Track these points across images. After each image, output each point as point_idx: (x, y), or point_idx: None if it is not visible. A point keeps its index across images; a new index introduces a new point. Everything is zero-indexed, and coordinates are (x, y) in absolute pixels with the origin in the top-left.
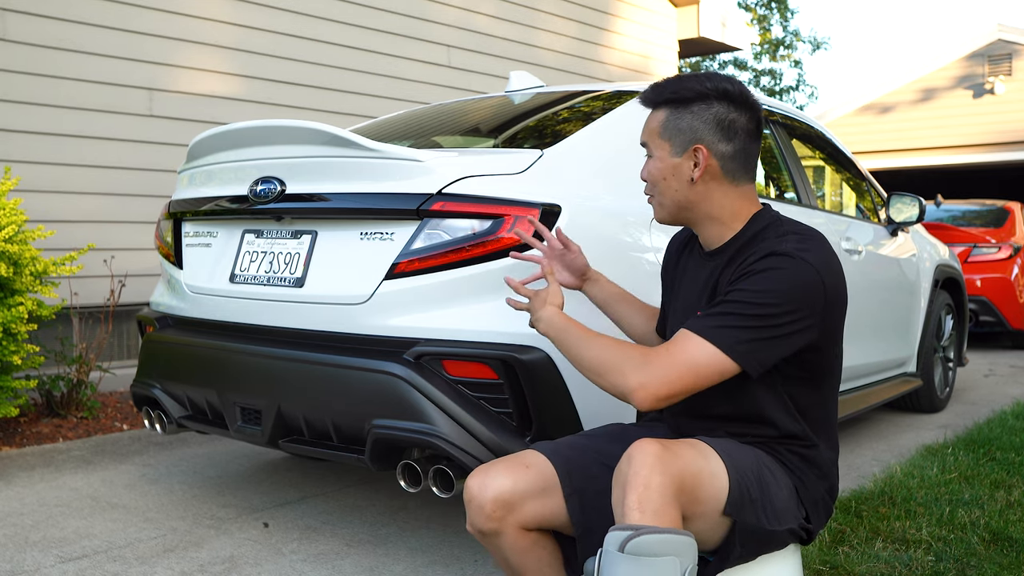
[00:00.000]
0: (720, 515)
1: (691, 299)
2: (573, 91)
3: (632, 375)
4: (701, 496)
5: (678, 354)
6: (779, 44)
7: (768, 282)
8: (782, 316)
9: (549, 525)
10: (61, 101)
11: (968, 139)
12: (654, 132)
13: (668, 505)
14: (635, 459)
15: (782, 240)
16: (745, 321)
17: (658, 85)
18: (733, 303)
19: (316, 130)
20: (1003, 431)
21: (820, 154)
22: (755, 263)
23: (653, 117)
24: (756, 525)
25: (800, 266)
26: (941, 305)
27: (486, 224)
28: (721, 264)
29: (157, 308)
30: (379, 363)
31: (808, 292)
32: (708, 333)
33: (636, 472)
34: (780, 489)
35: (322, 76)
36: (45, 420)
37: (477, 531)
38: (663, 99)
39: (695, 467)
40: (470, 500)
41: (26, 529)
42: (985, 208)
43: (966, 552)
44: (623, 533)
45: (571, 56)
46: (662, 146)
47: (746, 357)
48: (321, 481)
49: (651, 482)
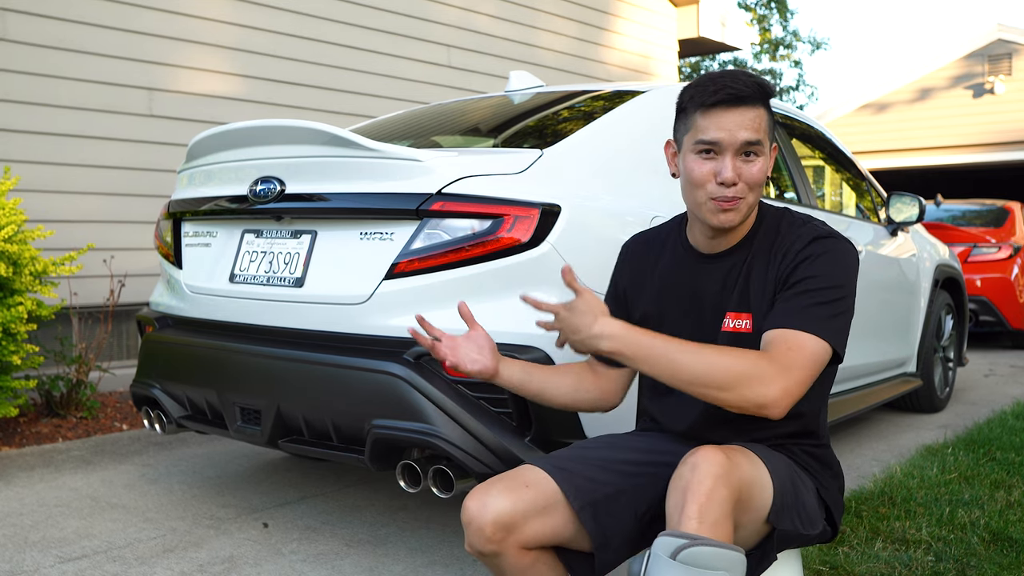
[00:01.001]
0: (761, 523)
1: (704, 303)
2: (573, 91)
3: (774, 382)
4: (751, 505)
5: (798, 352)
6: (779, 44)
7: (833, 264)
8: (849, 296)
9: (551, 543)
10: (61, 101)
11: (968, 139)
12: (764, 131)
13: (726, 518)
14: (700, 467)
15: (813, 225)
16: (833, 307)
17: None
18: (813, 291)
19: (316, 130)
20: (1003, 431)
21: (820, 154)
22: (806, 249)
23: (755, 114)
24: (793, 531)
25: (846, 246)
26: (941, 305)
27: (486, 224)
28: (744, 259)
29: (156, 308)
30: (379, 363)
31: (855, 267)
32: (815, 328)
33: (700, 481)
34: (809, 493)
35: (322, 76)
36: (45, 420)
37: (476, 552)
38: (766, 94)
39: (749, 477)
40: (469, 522)
41: (25, 529)
42: (985, 208)
43: (966, 552)
44: (677, 540)
45: (571, 56)
46: (767, 145)
47: (841, 341)
48: (321, 481)
49: (715, 493)
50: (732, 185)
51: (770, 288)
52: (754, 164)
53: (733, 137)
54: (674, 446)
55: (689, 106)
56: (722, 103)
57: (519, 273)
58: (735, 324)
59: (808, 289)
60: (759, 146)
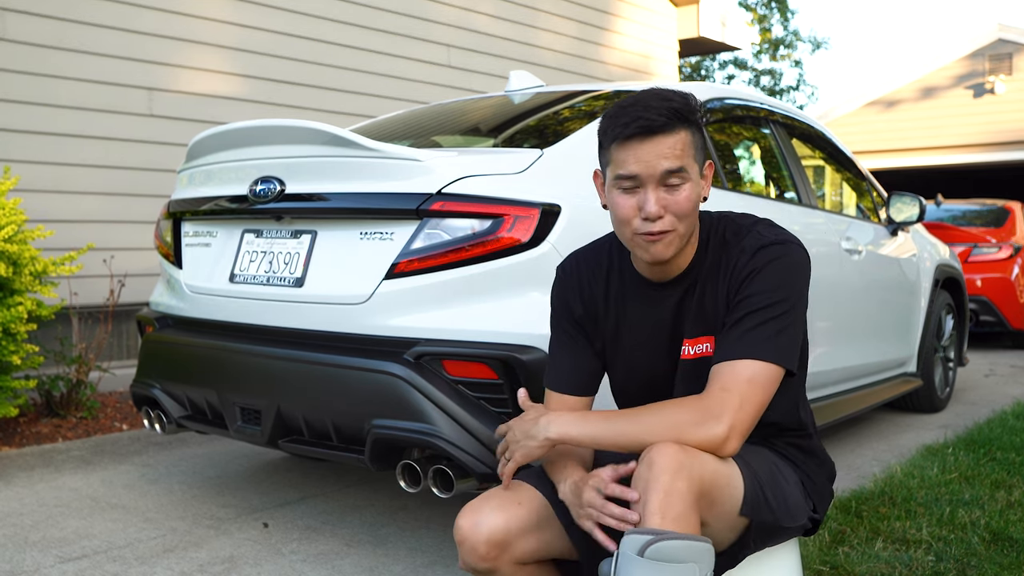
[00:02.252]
0: (736, 516)
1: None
2: (573, 91)
3: (718, 423)
4: (718, 499)
5: (742, 385)
6: (779, 44)
7: (776, 276)
8: (798, 304)
9: (545, 556)
10: (61, 101)
11: (968, 139)
12: (685, 155)
13: (689, 510)
14: (656, 463)
15: (755, 233)
16: (778, 324)
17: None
18: (758, 311)
19: (316, 130)
20: (1003, 431)
21: (820, 154)
22: (750, 263)
23: (675, 140)
24: (773, 523)
25: (791, 249)
26: (941, 305)
27: (486, 224)
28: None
29: (156, 308)
30: (379, 363)
31: (803, 270)
32: (756, 352)
33: (657, 476)
34: (791, 485)
35: (322, 76)
36: (44, 420)
37: (471, 569)
38: (682, 116)
39: (712, 470)
40: (462, 541)
41: (25, 529)
42: (985, 208)
43: (966, 552)
44: (643, 537)
45: (571, 56)
46: (693, 168)
47: (789, 358)
48: (321, 481)
49: (673, 487)
50: (658, 219)
51: (723, 307)
52: (680, 192)
53: (652, 169)
54: None
55: (604, 140)
56: (636, 136)
57: (519, 273)
58: (695, 350)
59: (750, 310)
60: (682, 173)
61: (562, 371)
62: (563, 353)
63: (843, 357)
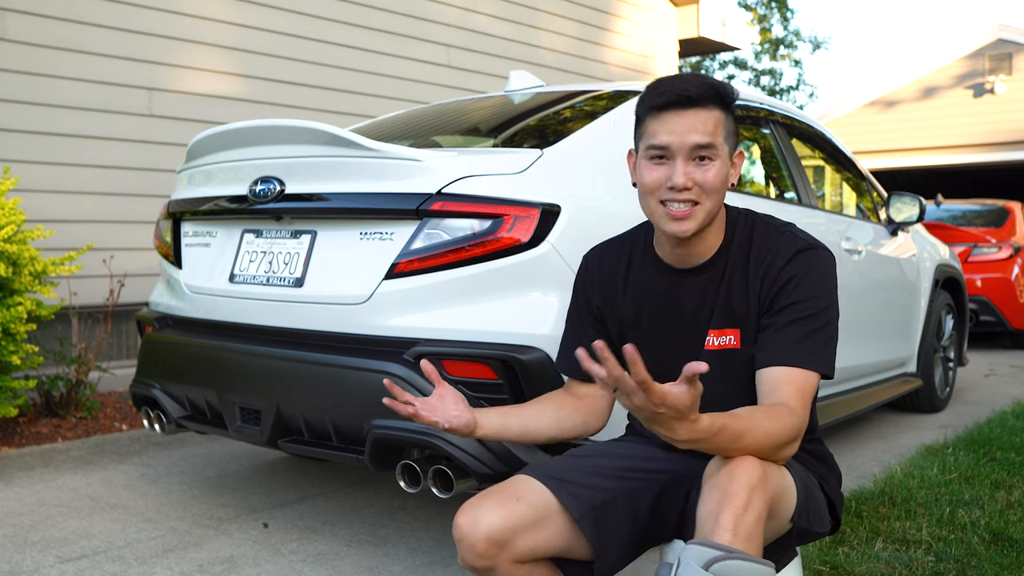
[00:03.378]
0: (785, 524)
1: (683, 319)
2: (573, 91)
3: (797, 441)
4: (777, 512)
5: (796, 395)
6: (779, 43)
7: (819, 283)
8: (835, 311)
9: (545, 554)
10: (61, 101)
11: (968, 139)
12: (716, 133)
13: (760, 531)
14: (739, 476)
15: (789, 236)
16: (825, 333)
17: (701, 80)
18: (805, 320)
19: (316, 130)
20: (1003, 431)
21: (820, 154)
22: (789, 266)
23: (708, 116)
24: (807, 530)
25: (825, 255)
26: (941, 305)
27: (486, 224)
28: (721, 273)
29: (156, 308)
30: (379, 363)
31: (835, 276)
32: (811, 362)
33: (738, 491)
34: (817, 491)
35: (322, 76)
36: (44, 420)
37: (470, 567)
38: (719, 96)
39: (779, 486)
40: (461, 539)
41: (25, 529)
42: (985, 208)
43: (966, 552)
44: (711, 552)
45: (571, 56)
46: (723, 148)
47: (833, 365)
48: (320, 481)
49: (751, 505)
50: (684, 190)
51: (754, 304)
52: (708, 169)
53: (683, 140)
54: (667, 452)
55: (640, 112)
56: (670, 105)
57: (519, 273)
58: (720, 341)
59: (800, 317)
60: (712, 150)
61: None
62: (576, 339)
63: (843, 357)
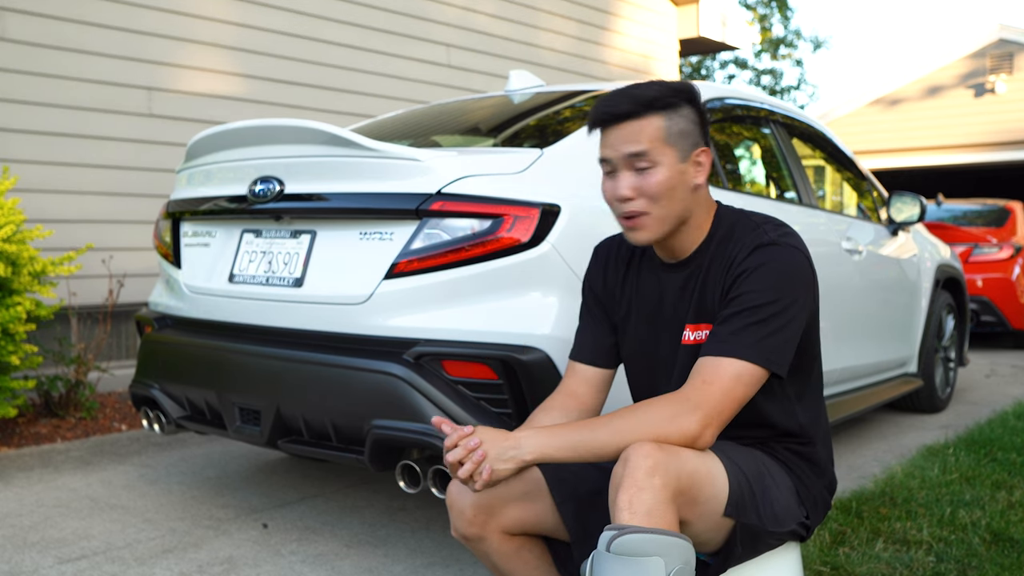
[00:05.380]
0: (721, 517)
1: (665, 313)
2: (573, 91)
3: (690, 417)
4: (700, 497)
5: (719, 382)
6: (780, 43)
7: (769, 277)
8: (791, 307)
9: (534, 530)
10: (61, 101)
11: (969, 139)
12: (656, 138)
13: (661, 506)
14: (631, 460)
15: (760, 231)
16: (765, 326)
17: (633, 93)
18: (746, 311)
19: (315, 130)
20: (1004, 431)
21: (820, 154)
22: (746, 260)
23: (646, 124)
24: (758, 526)
25: (790, 252)
26: (942, 305)
27: (485, 224)
28: (700, 270)
29: (156, 308)
30: (378, 363)
31: (802, 275)
32: (738, 351)
33: (630, 473)
34: (780, 490)
35: (322, 76)
36: (43, 421)
37: (461, 536)
38: (650, 104)
39: (692, 468)
40: (451, 505)
41: (24, 530)
42: (986, 208)
43: (967, 553)
44: (610, 532)
45: (571, 56)
46: (667, 153)
47: (776, 361)
48: (320, 482)
49: (644, 483)
50: (627, 200)
51: (719, 298)
52: (650, 175)
53: (618, 152)
54: None
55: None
56: (603, 123)
57: (519, 273)
58: (696, 336)
59: (742, 308)
60: (648, 157)
61: (584, 342)
62: (584, 325)
63: (844, 357)
